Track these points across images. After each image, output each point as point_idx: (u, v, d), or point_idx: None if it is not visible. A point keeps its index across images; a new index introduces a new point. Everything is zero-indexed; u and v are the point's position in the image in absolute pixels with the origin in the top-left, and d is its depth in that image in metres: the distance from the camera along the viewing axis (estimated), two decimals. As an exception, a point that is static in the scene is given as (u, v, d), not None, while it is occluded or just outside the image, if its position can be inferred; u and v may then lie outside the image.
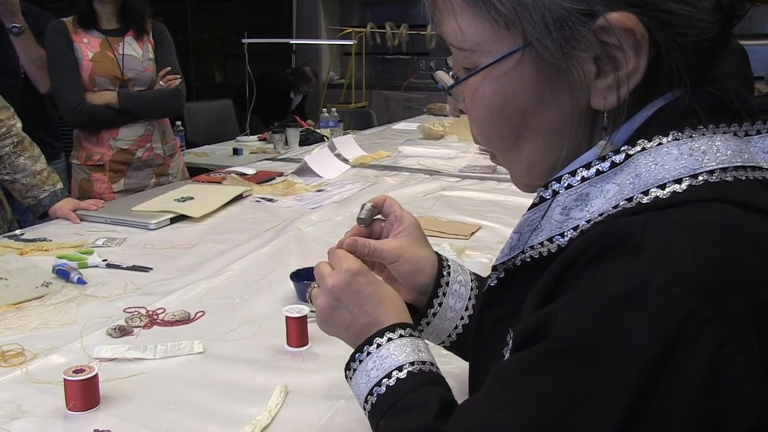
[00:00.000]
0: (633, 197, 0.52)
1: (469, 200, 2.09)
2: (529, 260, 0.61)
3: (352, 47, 6.15)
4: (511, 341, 0.61)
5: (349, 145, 2.85)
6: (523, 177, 0.65)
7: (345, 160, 2.66)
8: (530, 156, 0.61)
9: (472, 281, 0.88)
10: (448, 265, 0.88)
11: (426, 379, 0.70)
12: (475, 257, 1.46)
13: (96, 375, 0.94)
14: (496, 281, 0.67)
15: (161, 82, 2.48)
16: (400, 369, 0.70)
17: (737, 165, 0.51)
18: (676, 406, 0.44)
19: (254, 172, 2.49)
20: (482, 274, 1.40)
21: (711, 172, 0.51)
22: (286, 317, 1.13)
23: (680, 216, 0.49)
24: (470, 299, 0.87)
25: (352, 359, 0.74)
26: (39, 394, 0.98)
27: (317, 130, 3.98)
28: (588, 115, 0.57)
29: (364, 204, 0.88)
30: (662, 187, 0.51)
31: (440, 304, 0.86)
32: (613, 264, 0.48)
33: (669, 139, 0.53)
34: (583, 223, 0.55)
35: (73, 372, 0.93)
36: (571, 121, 0.58)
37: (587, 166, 0.57)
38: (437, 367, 0.73)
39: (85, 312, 1.28)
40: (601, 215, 0.54)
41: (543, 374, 0.48)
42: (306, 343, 1.13)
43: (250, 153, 3.69)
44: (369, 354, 0.72)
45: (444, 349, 1.06)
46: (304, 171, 2.47)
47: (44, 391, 0.99)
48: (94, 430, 0.89)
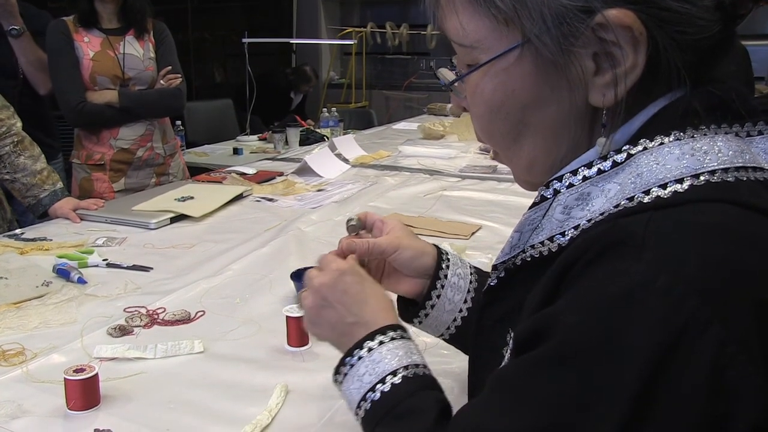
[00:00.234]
0: (634, 197, 0.52)
1: (469, 200, 2.09)
2: (529, 259, 0.61)
3: (353, 47, 6.15)
4: (511, 342, 0.61)
5: (350, 144, 2.85)
6: (524, 174, 0.65)
7: (345, 160, 2.66)
8: (530, 153, 0.61)
9: (471, 274, 0.89)
10: (448, 258, 0.88)
11: (421, 383, 0.69)
12: (476, 257, 1.46)
13: (96, 374, 0.94)
14: (496, 280, 0.67)
15: (162, 82, 2.48)
16: (394, 374, 0.68)
17: (739, 165, 0.51)
18: (679, 407, 0.44)
19: (254, 171, 2.49)
20: (482, 274, 1.41)
21: (712, 172, 0.51)
22: (287, 317, 1.13)
23: (682, 216, 0.49)
24: (469, 292, 0.87)
25: (342, 363, 0.72)
26: (39, 394, 0.98)
27: (317, 130, 3.97)
28: (587, 112, 0.57)
29: (350, 218, 0.89)
30: (663, 186, 0.51)
31: (439, 297, 0.86)
32: (614, 263, 0.48)
33: (671, 139, 0.53)
34: (584, 222, 0.55)
35: (74, 371, 0.93)
36: (570, 118, 0.58)
37: (588, 165, 0.57)
38: (429, 369, 0.72)
39: (85, 311, 1.28)
40: (602, 214, 0.54)
41: (544, 378, 0.48)
42: (306, 343, 1.13)
43: (251, 153, 3.69)
44: (360, 358, 0.71)
45: (444, 350, 1.07)
46: (305, 171, 2.47)
47: (44, 391, 0.99)
48: (95, 430, 0.89)
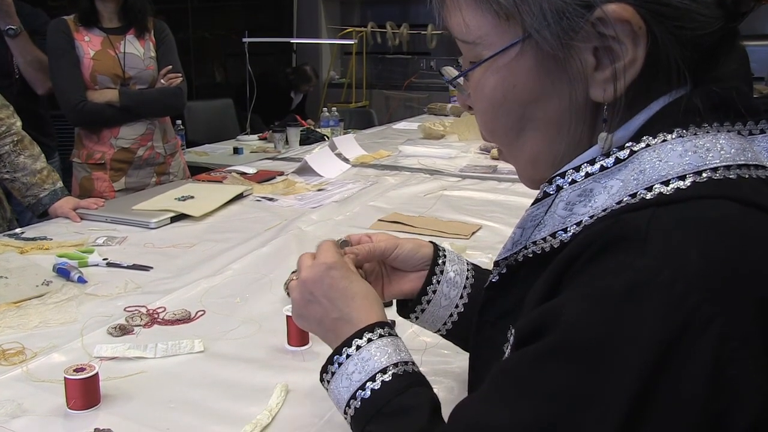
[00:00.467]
0: (637, 193, 0.52)
1: (469, 200, 2.09)
2: (531, 256, 0.61)
3: (353, 47, 6.15)
4: (512, 338, 0.61)
5: (350, 144, 2.84)
6: (527, 171, 0.65)
7: (345, 160, 2.66)
8: (533, 148, 0.61)
9: (468, 270, 0.89)
10: (444, 255, 0.89)
11: (411, 380, 0.69)
12: (476, 257, 1.46)
13: (96, 374, 0.94)
14: (497, 277, 0.67)
15: (162, 81, 2.48)
16: (384, 371, 0.68)
17: (741, 163, 0.52)
18: (681, 403, 0.44)
19: (255, 171, 2.49)
20: (483, 274, 1.41)
21: (715, 170, 0.51)
22: (287, 316, 1.13)
23: (684, 212, 0.49)
24: (465, 288, 0.87)
25: (330, 362, 0.72)
26: (39, 393, 0.98)
27: (318, 130, 3.97)
28: (589, 107, 0.57)
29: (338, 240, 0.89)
30: (666, 183, 0.51)
31: (434, 292, 0.87)
32: (617, 258, 0.48)
33: (673, 136, 0.53)
34: (587, 218, 0.55)
35: (74, 371, 0.93)
36: (571, 114, 0.58)
37: (591, 162, 0.57)
38: (417, 366, 0.72)
39: (85, 311, 1.28)
40: (604, 211, 0.54)
41: (545, 371, 0.48)
42: (306, 343, 1.13)
43: (251, 152, 3.69)
44: (349, 356, 0.70)
45: (444, 350, 1.07)
46: (305, 170, 2.47)
47: (45, 390, 0.99)
48: (95, 429, 0.89)
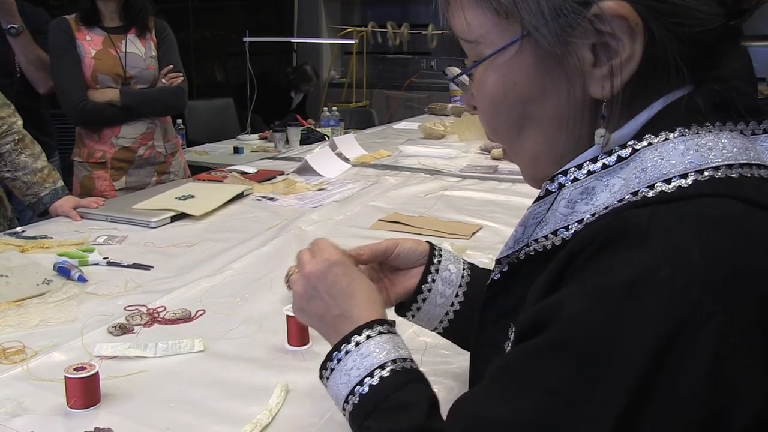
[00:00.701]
0: (638, 191, 0.52)
1: (470, 200, 2.09)
2: (533, 254, 0.61)
3: (353, 46, 6.14)
4: (512, 335, 0.61)
5: (350, 144, 2.84)
6: (529, 169, 0.65)
7: (346, 160, 2.66)
8: (534, 146, 0.62)
9: (464, 269, 0.89)
10: (440, 253, 0.89)
11: (409, 376, 0.69)
12: (476, 257, 1.46)
13: (97, 373, 0.94)
14: (499, 275, 0.67)
15: (163, 80, 2.48)
16: (382, 367, 0.68)
17: (743, 162, 0.52)
18: (680, 398, 0.44)
19: (255, 170, 2.49)
20: (483, 275, 1.41)
21: (717, 168, 0.51)
22: (287, 316, 1.13)
23: (686, 209, 0.49)
24: (461, 286, 0.88)
25: (329, 359, 0.72)
26: (40, 392, 0.98)
27: (318, 129, 3.97)
28: (589, 105, 0.58)
29: None
30: (668, 181, 0.51)
31: (429, 290, 0.87)
32: (618, 255, 0.48)
33: (675, 135, 0.53)
34: (588, 216, 0.55)
35: (74, 370, 0.94)
36: (571, 111, 0.58)
37: (593, 160, 0.57)
38: (416, 364, 0.71)
39: (85, 310, 1.28)
40: (606, 209, 0.54)
41: (545, 365, 0.48)
42: (307, 342, 1.13)
43: (251, 151, 3.69)
44: (348, 353, 0.70)
45: (444, 350, 1.07)
46: (305, 170, 2.47)
47: (45, 389, 0.99)
48: (95, 428, 0.89)
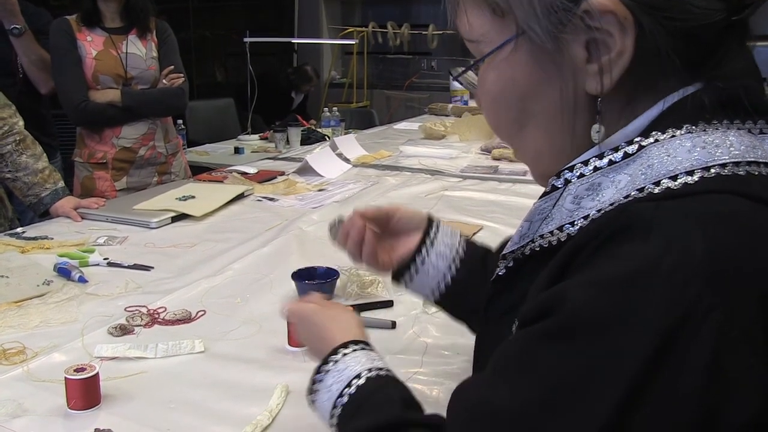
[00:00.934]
0: (644, 188, 0.52)
1: (470, 200, 2.08)
2: (538, 249, 0.61)
3: (354, 46, 6.14)
4: (515, 327, 0.61)
5: (351, 144, 2.84)
6: (534, 167, 0.66)
7: (346, 160, 2.66)
8: (535, 143, 0.62)
9: (459, 245, 0.94)
10: (436, 227, 0.94)
11: (384, 381, 0.72)
12: (476, 258, 1.46)
13: (97, 374, 0.94)
14: (504, 270, 0.67)
15: (164, 81, 2.48)
16: (358, 377, 0.72)
17: (750, 160, 0.52)
18: (678, 390, 0.44)
19: (255, 171, 2.49)
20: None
21: (723, 165, 0.51)
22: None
23: (691, 204, 0.49)
24: (454, 261, 0.92)
25: (312, 382, 0.76)
26: (40, 393, 0.98)
27: (318, 130, 3.97)
28: (587, 101, 0.58)
29: (331, 226, 1.00)
30: (674, 178, 0.51)
31: (423, 263, 0.92)
32: (622, 247, 0.48)
33: (682, 132, 0.53)
34: (594, 212, 0.55)
35: (74, 370, 0.94)
36: (569, 107, 0.58)
37: (600, 156, 0.57)
38: (393, 373, 0.75)
39: (86, 310, 1.28)
40: (611, 205, 0.54)
41: (546, 351, 0.48)
42: (307, 343, 1.13)
43: (252, 152, 3.69)
44: (328, 372, 0.75)
45: (444, 351, 1.07)
46: (306, 170, 2.47)
47: (45, 390, 0.99)
48: (95, 429, 0.89)
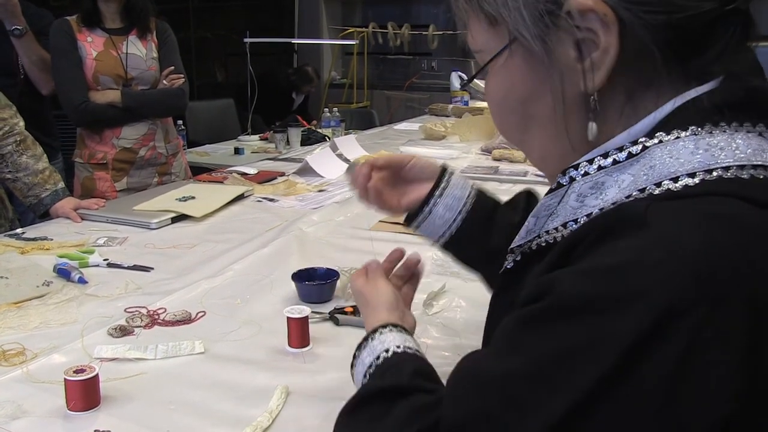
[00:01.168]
0: (646, 188, 0.53)
1: (470, 201, 2.08)
2: (544, 245, 0.62)
3: (354, 47, 6.15)
4: None
5: (351, 145, 2.84)
6: (542, 168, 0.68)
7: (346, 161, 2.66)
8: (539, 145, 0.64)
9: (469, 197, 0.99)
10: (447, 179, 1.00)
11: (408, 356, 0.77)
12: (477, 259, 1.46)
13: (96, 375, 0.94)
14: (512, 264, 0.68)
15: (165, 81, 2.47)
16: (387, 351, 0.78)
17: (757, 164, 0.51)
18: (649, 379, 0.44)
19: (256, 171, 2.49)
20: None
21: (726, 168, 0.51)
22: (288, 318, 1.13)
23: (689, 205, 0.50)
24: (460, 213, 0.98)
25: (354, 357, 0.83)
26: (39, 394, 0.98)
27: (319, 130, 3.97)
28: (584, 101, 0.58)
29: (349, 166, 1.07)
30: (675, 180, 0.51)
31: (430, 213, 0.98)
32: (615, 241, 0.49)
33: (687, 134, 0.53)
34: (597, 211, 0.56)
35: (74, 372, 0.93)
36: (566, 108, 0.59)
37: (605, 156, 0.58)
38: (422, 353, 0.79)
39: (85, 311, 1.28)
40: (613, 204, 0.55)
41: (536, 328, 0.50)
42: (307, 344, 1.13)
43: (252, 152, 3.68)
44: (364, 347, 0.82)
45: (445, 352, 1.08)
46: (306, 171, 2.47)
47: (45, 391, 0.99)
48: (95, 431, 0.89)
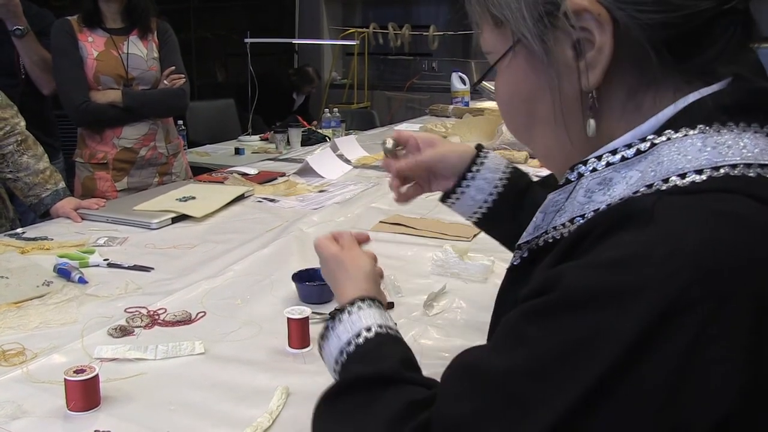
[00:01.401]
0: (653, 184, 0.53)
1: (471, 202, 2.08)
2: (551, 241, 0.62)
3: (355, 47, 6.15)
4: None
5: (351, 145, 2.84)
6: (549, 166, 0.68)
7: (347, 161, 2.66)
8: (544, 143, 0.65)
9: (500, 180, 1.00)
10: (481, 162, 1.01)
11: (392, 339, 0.76)
12: (478, 260, 1.46)
13: (97, 375, 0.94)
14: (519, 260, 0.68)
15: (165, 82, 2.48)
16: (368, 330, 0.76)
17: (763, 163, 0.51)
18: (653, 375, 0.44)
19: (256, 172, 2.48)
20: (483, 277, 1.40)
21: (734, 166, 0.51)
22: (288, 318, 1.13)
23: (695, 201, 0.50)
24: (491, 194, 1.00)
25: (326, 328, 0.80)
26: (39, 394, 0.98)
27: (319, 131, 3.97)
28: (584, 99, 0.59)
29: (386, 139, 1.07)
30: (682, 176, 0.52)
31: (463, 193, 1.01)
32: (621, 235, 0.49)
33: (695, 132, 0.54)
34: (604, 206, 0.57)
35: (74, 372, 0.93)
36: (568, 106, 0.60)
37: (613, 152, 0.58)
38: (401, 335, 0.79)
39: (85, 311, 1.28)
40: (621, 200, 0.55)
41: (540, 322, 0.50)
42: (307, 345, 1.13)
43: (252, 153, 3.69)
44: (341, 321, 0.79)
45: (445, 353, 1.08)
46: (306, 171, 2.47)
47: (45, 391, 0.99)
48: (95, 431, 0.89)
